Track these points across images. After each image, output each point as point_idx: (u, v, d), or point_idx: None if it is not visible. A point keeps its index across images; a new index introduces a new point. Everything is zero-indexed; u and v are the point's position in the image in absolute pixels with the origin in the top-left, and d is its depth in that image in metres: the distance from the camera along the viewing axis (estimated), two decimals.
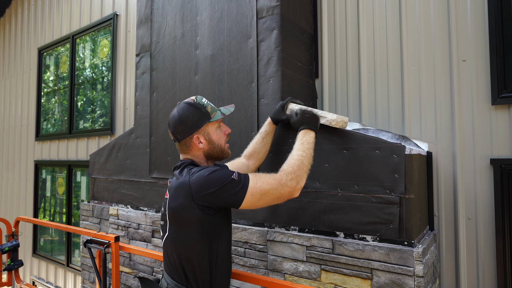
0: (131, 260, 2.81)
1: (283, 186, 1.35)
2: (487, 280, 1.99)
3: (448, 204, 2.12)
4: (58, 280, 4.97)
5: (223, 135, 1.50)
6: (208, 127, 1.45)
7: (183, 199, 1.31)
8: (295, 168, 1.40)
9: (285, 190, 1.35)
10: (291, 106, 1.91)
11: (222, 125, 1.52)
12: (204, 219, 1.31)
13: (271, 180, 1.35)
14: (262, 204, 1.34)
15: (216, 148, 1.47)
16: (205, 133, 1.44)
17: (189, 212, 1.31)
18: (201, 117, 1.42)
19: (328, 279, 1.80)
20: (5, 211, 6.29)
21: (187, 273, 1.34)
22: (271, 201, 1.36)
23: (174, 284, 1.36)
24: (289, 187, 1.35)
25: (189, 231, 1.32)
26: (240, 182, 1.30)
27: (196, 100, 1.45)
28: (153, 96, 2.74)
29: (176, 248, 1.36)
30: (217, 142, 1.47)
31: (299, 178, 1.38)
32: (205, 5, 2.43)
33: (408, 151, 1.66)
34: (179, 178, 1.38)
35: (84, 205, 3.33)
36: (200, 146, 1.44)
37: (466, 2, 2.10)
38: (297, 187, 1.38)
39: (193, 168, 1.38)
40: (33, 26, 5.80)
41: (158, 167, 2.64)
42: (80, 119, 4.74)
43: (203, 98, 1.48)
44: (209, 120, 1.43)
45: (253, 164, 1.89)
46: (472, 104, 2.06)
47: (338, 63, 2.54)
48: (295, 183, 1.37)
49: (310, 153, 1.49)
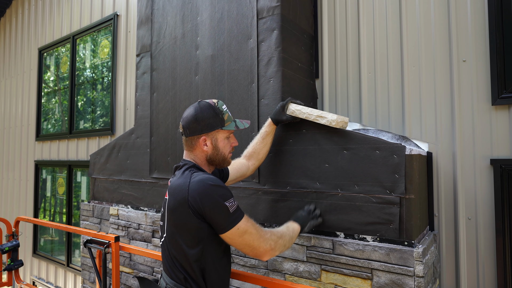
0: (131, 260, 2.81)
1: (266, 240, 1.37)
2: (487, 280, 1.99)
3: (448, 204, 2.12)
4: (58, 280, 4.97)
5: (230, 146, 1.51)
6: (218, 133, 1.46)
7: (180, 202, 1.31)
8: (283, 239, 1.46)
9: (264, 245, 1.36)
10: (292, 107, 1.91)
11: (232, 136, 1.53)
12: (199, 225, 1.30)
13: (259, 229, 1.38)
14: (240, 243, 1.34)
15: (219, 155, 1.47)
16: (213, 138, 1.45)
17: (185, 216, 1.30)
18: (215, 122, 1.43)
19: (328, 279, 1.80)
20: (5, 211, 6.29)
21: (185, 274, 1.33)
22: (249, 244, 1.34)
23: (173, 284, 1.36)
24: (267, 246, 1.37)
25: (185, 234, 1.32)
26: (236, 210, 1.32)
27: (217, 105, 1.46)
28: (154, 96, 2.74)
29: (173, 250, 1.36)
30: (221, 150, 1.47)
31: (278, 247, 1.42)
32: (205, 5, 2.43)
33: (408, 151, 1.67)
34: (179, 179, 1.37)
35: (84, 205, 3.33)
36: (204, 149, 1.44)
37: (466, 2, 2.10)
38: (271, 252, 1.39)
39: (195, 172, 1.38)
40: (33, 26, 5.80)
41: (159, 167, 2.65)
42: (81, 119, 4.74)
43: (224, 105, 1.50)
44: (221, 127, 1.45)
45: (253, 165, 1.89)
46: (472, 104, 2.06)
47: (338, 64, 2.54)
48: (273, 246, 1.39)
49: (292, 239, 1.55)
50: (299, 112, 1.89)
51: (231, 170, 1.78)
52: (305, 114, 1.87)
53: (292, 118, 1.91)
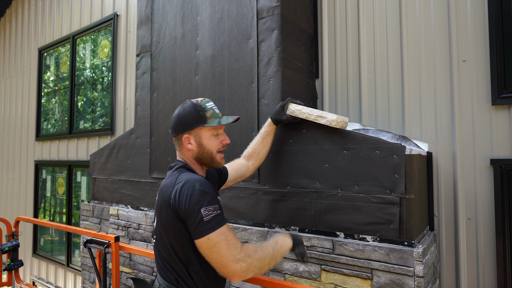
0: (131, 260, 2.81)
1: (237, 260, 1.20)
2: (487, 280, 1.99)
3: (448, 204, 2.12)
4: (58, 280, 4.97)
5: (219, 143, 1.44)
6: (201, 130, 1.41)
7: (165, 202, 1.30)
8: (261, 261, 1.26)
9: (233, 265, 1.20)
10: (291, 107, 1.91)
11: (222, 134, 1.47)
12: (181, 227, 1.27)
13: (234, 245, 1.21)
14: (208, 255, 1.22)
15: (206, 154, 1.42)
16: (196, 136, 1.41)
17: (169, 217, 1.28)
18: (196, 120, 1.40)
19: (328, 279, 1.80)
20: (5, 211, 6.29)
21: (176, 275, 1.32)
22: (216, 260, 1.21)
23: (165, 284, 1.35)
24: (237, 267, 1.20)
25: (171, 236, 1.30)
26: (212, 220, 1.21)
27: (199, 102, 1.44)
28: (154, 96, 2.74)
29: (163, 251, 1.35)
30: (207, 147, 1.42)
31: (252, 270, 1.23)
32: (205, 5, 2.43)
33: (408, 151, 1.67)
34: (167, 180, 1.37)
35: (84, 205, 3.33)
36: (189, 147, 1.42)
37: (466, 2, 2.10)
38: (241, 274, 1.21)
39: (183, 173, 1.35)
40: (33, 26, 5.80)
41: (159, 167, 2.65)
42: (80, 119, 4.74)
43: (209, 102, 1.44)
44: (203, 124, 1.40)
45: (253, 165, 1.89)
46: (472, 104, 2.06)
47: (338, 64, 2.54)
48: (244, 268, 1.21)
49: (275, 260, 1.35)
50: (299, 112, 1.89)
51: (230, 171, 1.76)
52: (305, 114, 1.87)
53: (292, 118, 1.91)
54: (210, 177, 1.59)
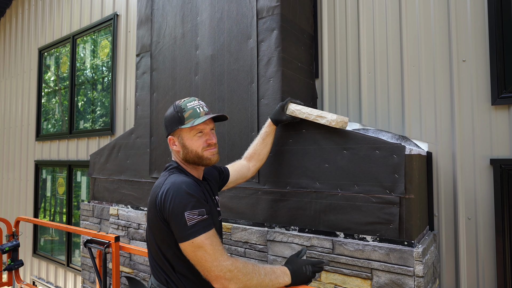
0: (131, 260, 2.81)
1: (221, 266, 1.17)
2: (487, 280, 2.00)
3: (448, 204, 2.12)
4: (58, 280, 4.97)
5: (203, 143, 1.38)
6: (182, 131, 1.39)
7: (152, 203, 1.30)
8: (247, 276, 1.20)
9: (216, 270, 1.17)
10: (291, 107, 1.91)
11: (207, 133, 1.40)
12: (166, 228, 1.26)
13: (219, 251, 1.19)
14: (192, 258, 1.20)
15: (190, 154, 1.38)
16: (179, 137, 1.40)
17: (155, 218, 1.28)
18: (175, 121, 1.39)
19: (328, 279, 1.80)
20: (5, 211, 6.29)
21: (165, 276, 1.32)
22: (200, 263, 1.19)
23: (157, 284, 1.35)
24: (220, 273, 1.17)
25: (158, 237, 1.30)
26: (196, 224, 1.18)
27: (180, 103, 1.40)
28: (153, 96, 2.74)
29: (153, 251, 1.35)
30: (190, 148, 1.38)
31: (235, 281, 1.18)
32: (205, 5, 2.43)
33: (408, 151, 1.67)
34: (158, 180, 1.38)
35: (84, 205, 3.33)
36: (175, 148, 1.42)
37: (466, 2, 2.10)
38: (223, 282, 1.18)
39: (173, 174, 1.35)
40: (33, 26, 5.80)
41: (158, 167, 2.65)
42: (81, 119, 4.74)
43: (192, 102, 1.40)
44: (180, 126, 1.37)
45: (254, 166, 1.89)
46: (472, 104, 2.06)
47: (338, 63, 2.54)
48: (228, 276, 1.17)
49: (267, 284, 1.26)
50: (298, 112, 1.89)
51: (231, 172, 1.77)
52: (304, 114, 1.87)
53: (292, 118, 1.91)
54: (210, 177, 1.59)
